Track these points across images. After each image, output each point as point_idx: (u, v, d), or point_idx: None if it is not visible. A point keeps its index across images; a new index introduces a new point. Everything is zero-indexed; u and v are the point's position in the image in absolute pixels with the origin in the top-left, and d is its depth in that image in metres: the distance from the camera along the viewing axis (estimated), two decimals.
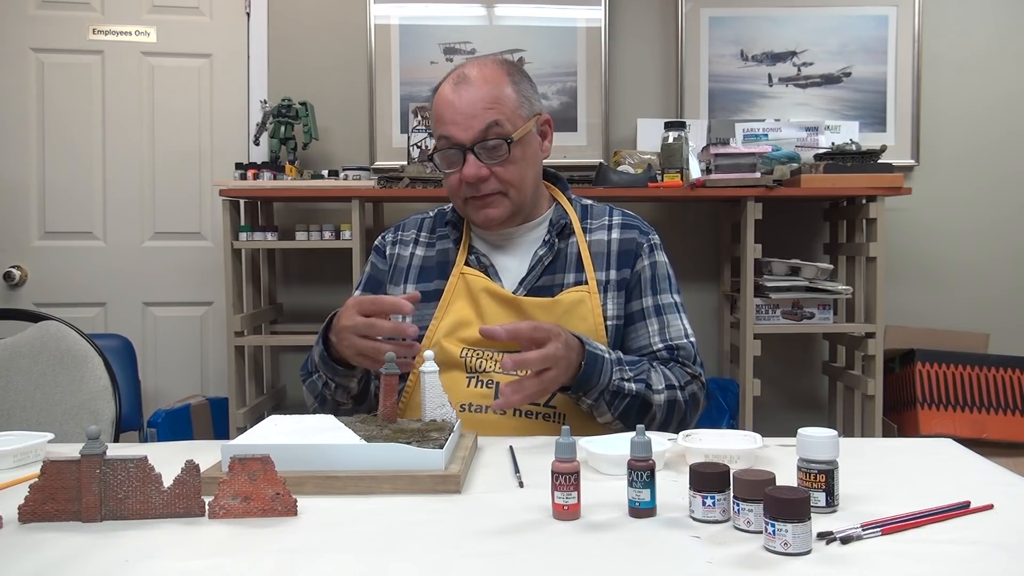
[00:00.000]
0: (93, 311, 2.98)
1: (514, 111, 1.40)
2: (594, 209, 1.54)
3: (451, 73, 1.44)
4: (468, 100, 1.38)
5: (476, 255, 1.47)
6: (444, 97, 1.41)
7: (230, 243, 2.62)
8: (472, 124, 1.37)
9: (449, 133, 1.39)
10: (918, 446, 1.22)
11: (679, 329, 1.45)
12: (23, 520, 0.86)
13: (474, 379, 1.37)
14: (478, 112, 1.37)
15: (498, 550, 0.78)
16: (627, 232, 1.49)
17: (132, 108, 2.97)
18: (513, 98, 1.40)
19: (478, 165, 1.37)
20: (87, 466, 0.86)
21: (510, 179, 1.40)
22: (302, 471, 0.95)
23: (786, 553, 0.76)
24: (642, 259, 1.48)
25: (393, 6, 2.97)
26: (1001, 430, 2.64)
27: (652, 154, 2.78)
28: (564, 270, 1.45)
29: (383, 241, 1.58)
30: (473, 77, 1.40)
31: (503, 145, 1.38)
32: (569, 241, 1.48)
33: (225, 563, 0.76)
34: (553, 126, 1.51)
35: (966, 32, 2.99)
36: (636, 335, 1.45)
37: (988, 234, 3.01)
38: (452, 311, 1.43)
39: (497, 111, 1.38)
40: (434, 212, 1.59)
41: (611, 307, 1.44)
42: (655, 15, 3.00)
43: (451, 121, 1.38)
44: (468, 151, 1.38)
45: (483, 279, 1.44)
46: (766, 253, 2.64)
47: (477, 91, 1.38)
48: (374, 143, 2.98)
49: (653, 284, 1.47)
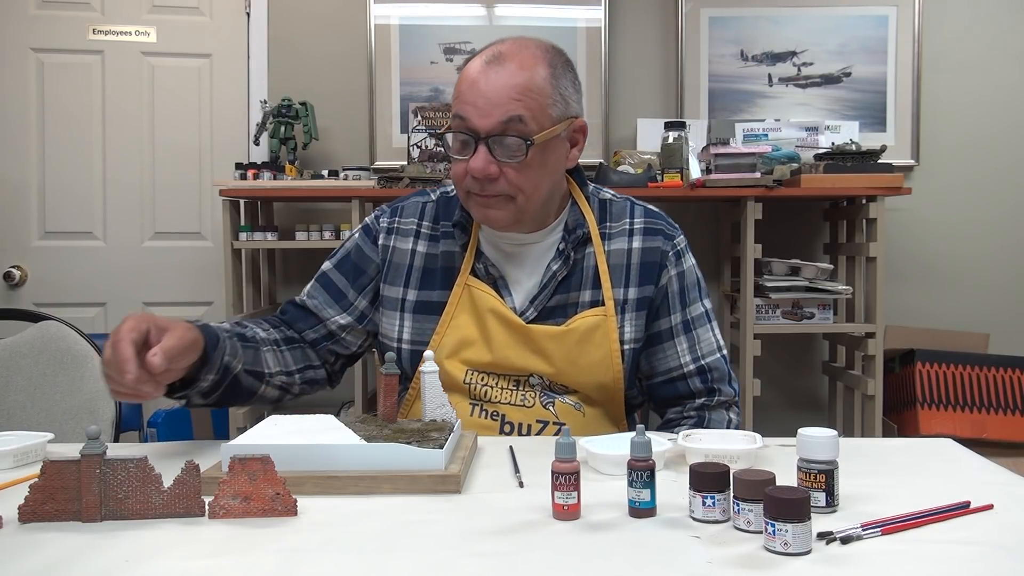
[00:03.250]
0: (93, 311, 2.98)
1: (543, 109, 1.22)
2: (614, 207, 1.38)
3: (489, 46, 1.26)
4: (495, 84, 1.20)
5: (484, 264, 1.33)
6: (470, 73, 1.23)
7: (230, 243, 2.62)
8: (493, 112, 1.20)
9: (466, 114, 1.22)
10: (918, 446, 1.21)
11: (710, 343, 1.36)
12: (23, 520, 0.86)
13: (478, 407, 1.30)
14: (502, 101, 1.19)
15: (498, 550, 0.78)
16: (650, 240, 1.34)
17: (132, 108, 2.97)
18: (547, 93, 1.22)
19: (488, 160, 1.21)
20: (87, 466, 0.86)
21: (521, 184, 1.23)
22: (302, 471, 0.95)
23: (786, 553, 0.76)
24: (668, 270, 1.34)
25: (393, 6, 2.97)
26: (1001, 430, 2.64)
27: (652, 154, 2.78)
28: (580, 287, 1.32)
29: (376, 225, 1.40)
30: (508, 58, 1.22)
31: (521, 145, 1.21)
32: (586, 252, 1.33)
33: (225, 563, 0.76)
34: (587, 134, 1.33)
35: (966, 32, 2.99)
36: (665, 356, 1.35)
37: (988, 234, 3.01)
38: (455, 327, 1.31)
39: (524, 104, 1.20)
40: (436, 195, 1.41)
41: (628, 329, 1.31)
42: (655, 15, 3.00)
43: (471, 102, 1.21)
44: (481, 141, 1.21)
45: (491, 296, 1.30)
46: (766, 253, 2.64)
47: (508, 76, 1.20)
48: (374, 143, 2.98)
49: (682, 297, 1.35)
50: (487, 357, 1.30)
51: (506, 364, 1.30)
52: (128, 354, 1.00)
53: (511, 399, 1.31)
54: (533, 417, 1.30)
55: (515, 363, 1.30)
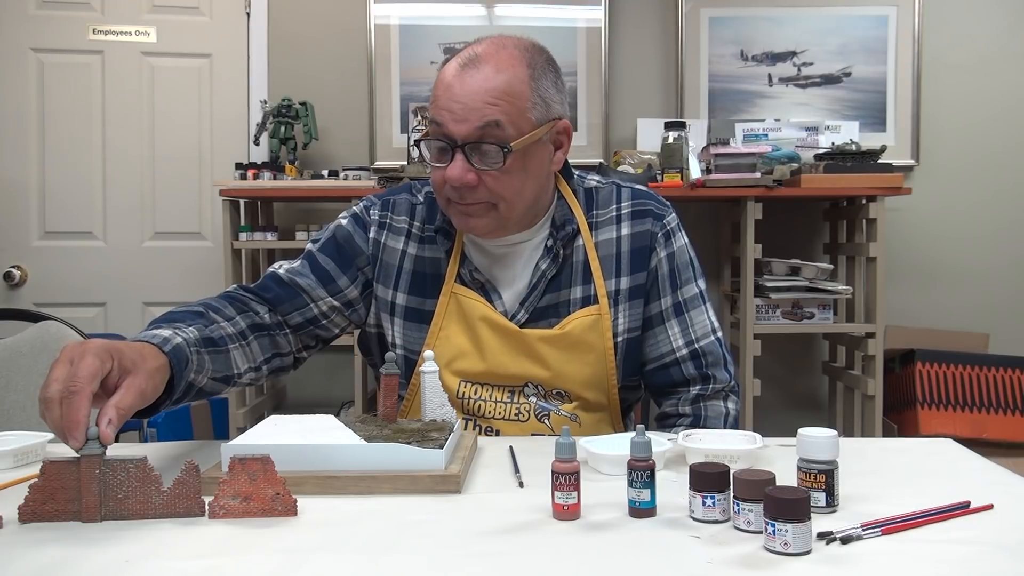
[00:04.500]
0: (93, 311, 2.99)
1: (522, 113, 1.18)
2: (600, 194, 1.34)
3: (466, 47, 1.22)
4: (470, 88, 1.16)
5: (469, 269, 1.29)
6: (445, 77, 1.19)
7: (230, 243, 2.62)
8: (468, 118, 1.16)
9: (441, 120, 1.17)
10: (918, 446, 1.21)
11: (704, 326, 1.32)
12: (23, 520, 0.86)
13: (471, 423, 1.26)
14: (478, 105, 1.15)
15: (498, 550, 0.78)
16: (638, 224, 1.31)
17: (132, 108, 2.97)
18: (525, 96, 1.18)
19: (465, 168, 1.17)
20: (87, 466, 0.85)
21: (501, 192, 1.19)
22: (302, 471, 0.95)
23: (786, 553, 0.75)
24: (657, 252, 1.30)
25: (393, 6, 2.97)
26: (1001, 430, 2.65)
27: (652, 154, 2.78)
28: (570, 283, 1.29)
29: (367, 216, 1.34)
30: (484, 60, 1.17)
31: (499, 152, 1.16)
32: (575, 245, 1.30)
33: (225, 563, 0.76)
34: (572, 135, 1.29)
35: (966, 32, 2.99)
36: (656, 341, 1.31)
37: (988, 234, 3.01)
38: (446, 338, 1.27)
39: (501, 109, 1.16)
40: (423, 195, 1.36)
41: (621, 321, 1.29)
42: (655, 15, 3.00)
43: (445, 107, 1.17)
44: (458, 148, 1.17)
45: (480, 303, 1.27)
46: (766, 253, 2.65)
47: (484, 80, 1.16)
48: (374, 143, 2.98)
49: (672, 279, 1.31)
50: (480, 366, 1.27)
51: (501, 372, 1.27)
52: (81, 418, 0.84)
53: (505, 413, 1.28)
54: (528, 431, 1.28)
55: (509, 370, 1.27)
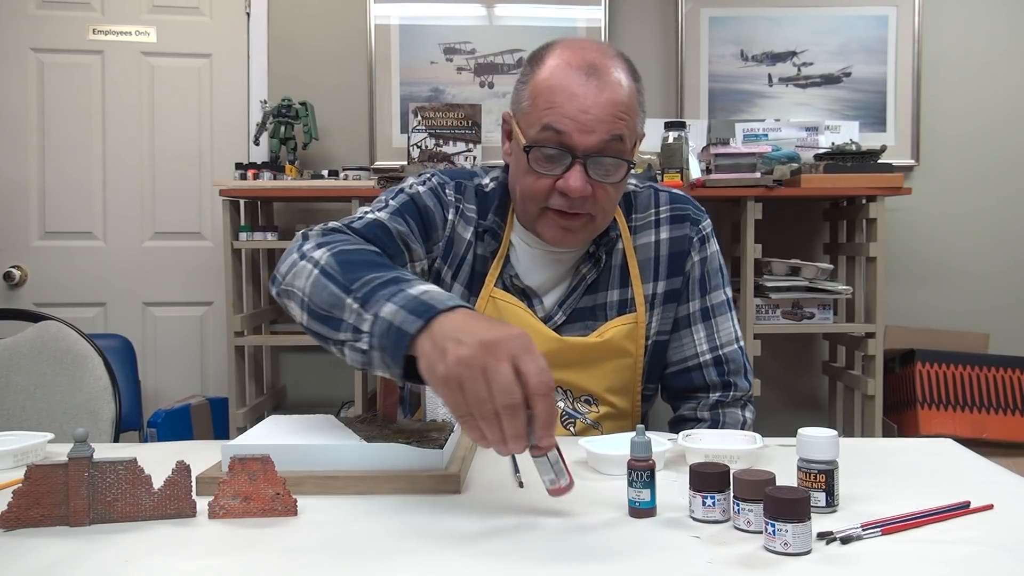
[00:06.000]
0: (93, 311, 2.98)
1: (634, 127, 1.17)
2: (638, 198, 1.33)
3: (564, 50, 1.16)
4: (600, 100, 1.12)
5: (510, 275, 1.27)
6: (567, 84, 1.13)
7: (230, 243, 2.62)
8: (597, 129, 1.12)
9: (564, 128, 1.13)
10: (918, 446, 1.22)
11: (729, 333, 1.32)
12: (6, 527, 0.83)
13: None
14: (606, 118, 1.13)
15: (498, 550, 0.78)
16: (676, 228, 1.31)
17: (132, 108, 2.97)
18: (636, 110, 1.17)
19: (586, 180, 1.14)
20: (75, 469, 0.84)
21: (605, 204, 1.18)
22: (302, 471, 0.95)
23: (786, 553, 0.76)
24: (691, 256, 1.31)
25: (393, 6, 2.97)
26: (1001, 430, 2.64)
27: (652, 154, 2.78)
28: (608, 286, 1.29)
29: (444, 193, 1.28)
30: (605, 72, 1.14)
31: (623, 167, 1.15)
32: (615, 249, 1.30)
33: (225, 563, 0.76)
34: None
35: (966, 32, 2.99)
36: (681, 344, 1.32)
37: (988, 234, 3.01)
38: None
39: (626, 124, 1.14)
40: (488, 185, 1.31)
41: (654, 324, 1.30)
42: (655, 15, 3.00)
43: (571, 116, 1.12)
44: (579, 159, 1.14)
45: (522, 310, 1.25)
46: (766, 253, 2.64)
47: (612, 92, 1.13)
48: (374, 143, 2.98)
49: (703, 283, 1.32)
50: None
51: None
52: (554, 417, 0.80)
53: None
54: None
55: None
